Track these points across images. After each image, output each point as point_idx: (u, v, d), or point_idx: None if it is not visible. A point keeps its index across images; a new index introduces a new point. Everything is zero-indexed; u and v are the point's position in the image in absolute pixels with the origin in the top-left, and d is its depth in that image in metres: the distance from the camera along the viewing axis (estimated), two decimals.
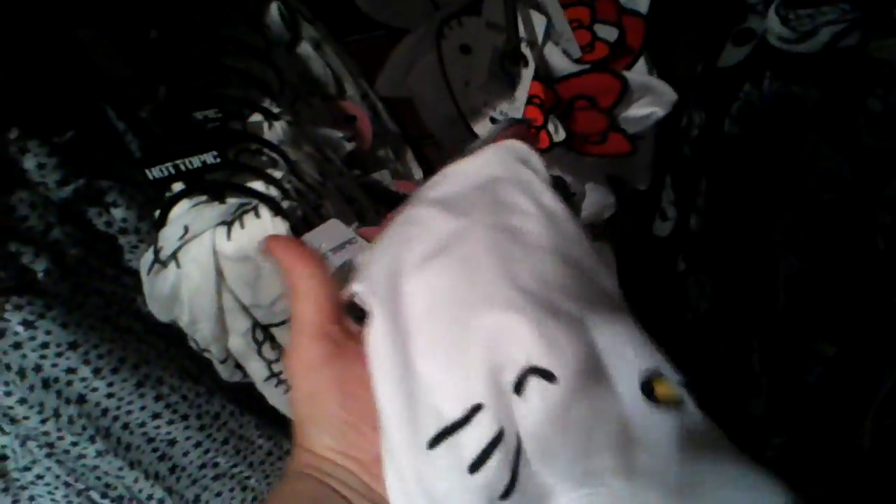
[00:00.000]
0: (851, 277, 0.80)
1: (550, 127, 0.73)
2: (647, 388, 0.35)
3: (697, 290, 1.00)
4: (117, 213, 0.89)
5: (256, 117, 0.80)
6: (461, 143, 1.01)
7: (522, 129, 0.58)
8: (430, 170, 1.11)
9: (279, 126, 0.80)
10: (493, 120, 0.80)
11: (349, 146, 0.91)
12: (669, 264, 1.06)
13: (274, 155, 0.78)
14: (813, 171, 0.76)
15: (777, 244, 0.84)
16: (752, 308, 0.93)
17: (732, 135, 0.86)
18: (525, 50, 0.76)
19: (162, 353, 0.94)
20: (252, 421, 1.01)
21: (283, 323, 0.80)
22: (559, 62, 0.78)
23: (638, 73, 0.79)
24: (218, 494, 1.00)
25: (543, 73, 0.77)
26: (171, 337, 0.99)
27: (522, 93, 0.74)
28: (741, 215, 0.88)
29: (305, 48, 1.00)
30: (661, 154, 0.95)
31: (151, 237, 0.92)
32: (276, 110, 0.80)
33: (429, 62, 0.86)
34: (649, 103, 0.76)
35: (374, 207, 0.94)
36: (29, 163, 0.80)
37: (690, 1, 0.92)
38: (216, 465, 0.98)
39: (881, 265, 0.73)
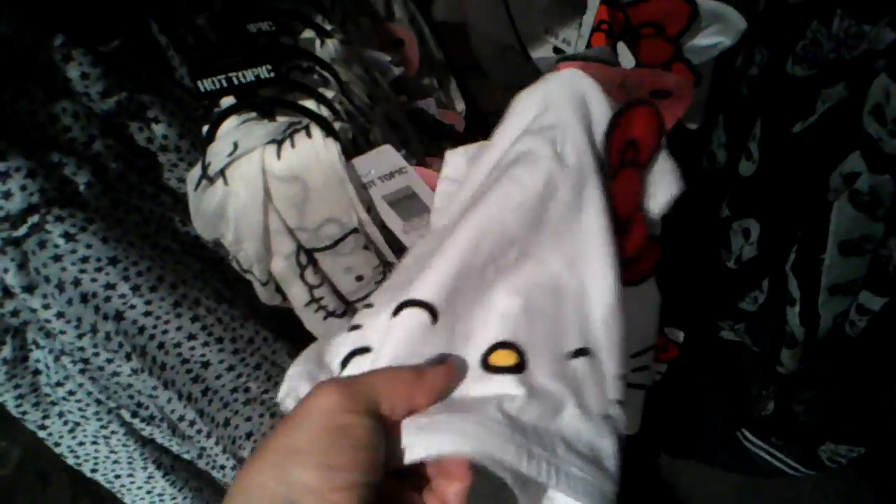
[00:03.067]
0: None
1: (619, 55, 0.71)
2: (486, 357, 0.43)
3: (742, 237, 0.98)
4: (158, 129, 0.87)
5: (308, 34, 0.78)
6: (509, 73, 0.99)
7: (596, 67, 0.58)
8: (472, 101, 1.08)
9: (331, 44, 0.77)
10: (555, 49, 0.78)
11: (396, 71, 0.89)
12: (713, 209, 1.04)
13: (325, 74, 0.76)
14: (880, 116, 0.74)
15: (833, 190, 0.82)
16: (799, 257, 0.91)
17: (794, 76, 0.84)
18: None
19: (198, 274, 0.93)
20: (284, 348, 1.01)
21: (327, 248, 0.78)
22: None
23: None
24: (248, 419, 1.00)
25: None
26: (207, 259, 0.98)
27: (590, 17, 0.71)
28: (797, 160, 0.86)
29: None
30: (715, 94, 0.93)
31: (191, 156, 0.90)
32: (328, 27, 0.78)
33: None
34: (717, 32, 0.73)
35: (418, 136, 0.92)
36: (73, 72, 0.78)
37: None
38: (248, 389, 0.98)
39: None
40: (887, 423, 1.06)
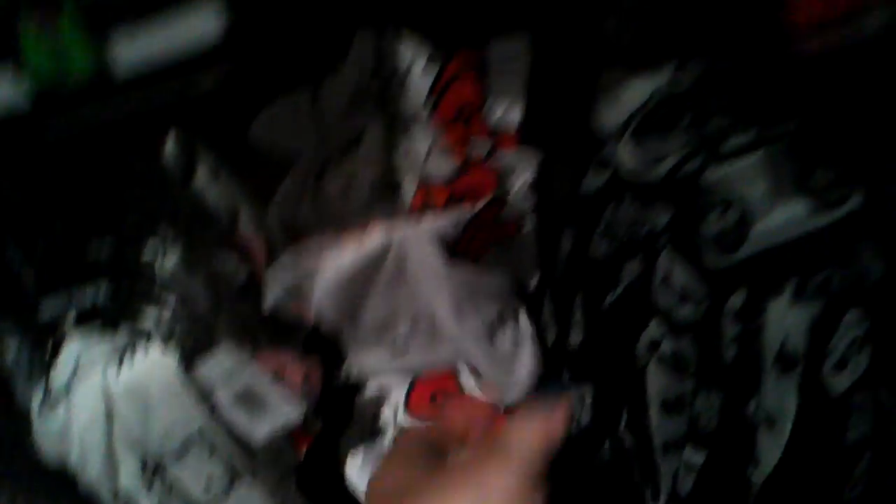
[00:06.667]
0: (710, 389, 0.85)
1: None
2: None
3: (579, 404, 1.03)
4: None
5: (152, 244, 0.82)
6: None
7: None
8: None
9: (173, 254, 0.82)
10: None
11: (243, 275, 0.93)
12: (551, 378, 1.09)
13: (165, 286, 0.80)
14: (667, 287, 0.82)
15: (642, 356, 0.89)
16: (630, 418, 0.96)
17: (596, 256, 0.92)
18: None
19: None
20: None
21: (174, 458, 0.79)
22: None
23: None
24: None
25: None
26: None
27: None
28: (612, 330, 0.93)
29: (202, 176, 1.01)
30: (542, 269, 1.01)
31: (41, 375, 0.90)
32: (170, 236, 0.83)
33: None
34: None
35: (269, 338, 0.96)
36: None
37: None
38: None
39: (730, 377, 0.79)
40: None
